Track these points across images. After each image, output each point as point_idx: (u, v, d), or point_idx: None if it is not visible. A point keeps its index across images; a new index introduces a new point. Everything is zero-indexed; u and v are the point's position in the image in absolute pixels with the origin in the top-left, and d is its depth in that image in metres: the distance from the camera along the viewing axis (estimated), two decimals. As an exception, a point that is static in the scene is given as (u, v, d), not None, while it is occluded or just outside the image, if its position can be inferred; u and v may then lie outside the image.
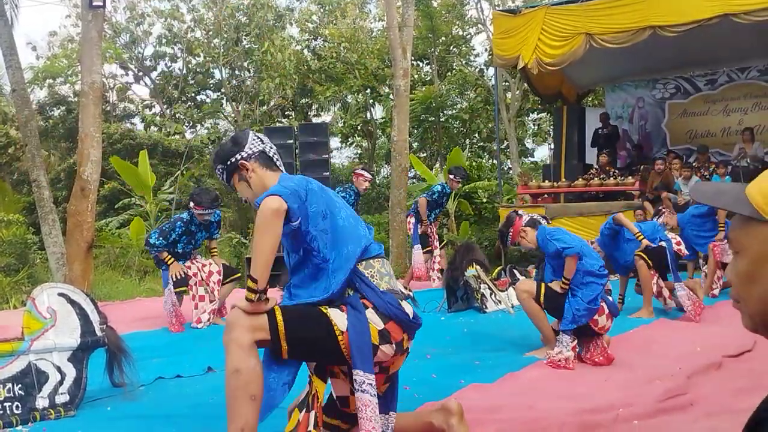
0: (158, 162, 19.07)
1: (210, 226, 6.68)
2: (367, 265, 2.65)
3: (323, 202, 2.64)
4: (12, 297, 9.92)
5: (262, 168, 2.82)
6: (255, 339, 2.45)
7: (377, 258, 2.70)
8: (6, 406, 3.44)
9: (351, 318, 2.52)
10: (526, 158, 23.78)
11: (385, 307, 2.57)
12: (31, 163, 11.18)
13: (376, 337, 2.53)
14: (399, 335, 2.59)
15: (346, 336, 2.49)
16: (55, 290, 3.77)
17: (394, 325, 2.58)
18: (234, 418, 2.41)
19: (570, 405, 3.50)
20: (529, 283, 5.01)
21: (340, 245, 2.62)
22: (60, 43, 23.30)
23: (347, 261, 2.59)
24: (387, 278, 2.67)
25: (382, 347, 2.55)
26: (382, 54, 21.22)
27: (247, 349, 2.43)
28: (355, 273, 2.61)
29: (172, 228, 6.44)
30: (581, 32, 11.53)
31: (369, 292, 2.59)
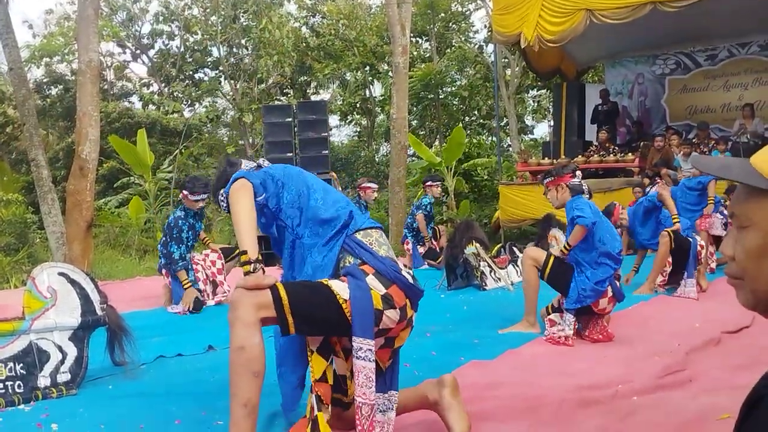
0: (157, 141, 19.02)
1: (201, 212, 6.67)
2: (365, 234, 2.70)
3: (300, 182, 2.78)
4: (12, 276, 9.93)
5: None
6: (260, 317, 2.45)
7: (375, 229, 2.76)
8: (8, 385, 3.45)
9: (351, 285, 2.53)
10: (526, 135, 23.75)
11: (387, 271, 2.59)
12: (30, 142, 11.14)
13: (380, 302, 2.54)
14: (402, 300, 2.60)
15: (350, 304, 2.50)
16: (55, 270, 3.78)
17: (396, 290, 2.59)
18: (237, 393, 2.42)
19: (569, 381, 3.52)
20: (538, 251, 4.98)
21: (313, 221, 2.71)
22: (56, 21, 23.15)
23: (326, 232, 2.68)
24: (385, 248, 2.71)
25: (387, 312, 2.55)
26: (381, 31, 21.11)
27: (251, 327, 2.43)
28: (352, 240, 2.66)
29: (180, 230, 6.38)
30: (582, 8, 11.45)
31: (368, 256, 2.63)
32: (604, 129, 13.14)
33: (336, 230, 2.68)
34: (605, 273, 4.54)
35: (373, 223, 2.79)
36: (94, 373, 3.89)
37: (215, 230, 15.67)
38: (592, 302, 4.54)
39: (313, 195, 2.75)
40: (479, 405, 3.12)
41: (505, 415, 3.06)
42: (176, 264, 6.33)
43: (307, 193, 2.76)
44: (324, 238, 2.68)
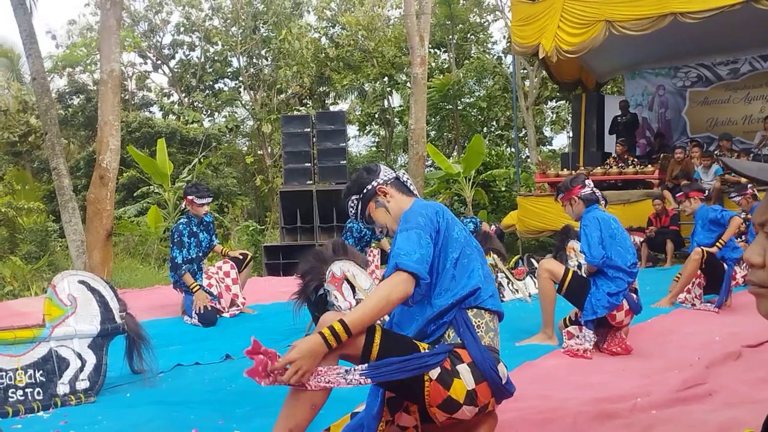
0: (176, 150, 19.16)
1: (208, 227, 6.64)
2: (477, 313, 2.56)
3: (442, 240, 2.57)
4: (33, 284, 10.04)
5: (399, 193, 2.79)
6: (340, 351, 2.38)
7: (490, 312, 2.59)
8: (28, 392, 3.48)
9: (442, 374, 2.40)
10: (545, 146, 23.67)
11: (483, 365, 2.44)
12: (51, 151, 11.27)
13: (462, 396, 2.40)
14: (486, 399, 2.46)
15: (433, 385, 2.39)
16: (75, 277, 3.81)
17: (485, 388, 2.45)
18: (288, 416, 2.37)
19: (587, 394, 3.50)
20: (554, 264, 4.95)
21: (440, 286, 2.55)
22: (79, 32, 23.41)
23: (442, 302, 2.52)
24: (492, 335, 2.56)
25: (465, 408, 2.42)
26: (400, 42, 21.17)
27: (327, 359, 2.35)
28: (462, 315, 2.53)
29: (181, 234, 6.34)
30: (601, 19, 11.42)
31: (470, 340, 2.49)
32: (622, 141, 13.08)
33: (453, 302, 2.52)
34: (619, 286, 4.50)
35: (493, 305, 2.59)
36: (112, 381, 3.92)
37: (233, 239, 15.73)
38: (606, 314, 4.50)
39: (450, 255, 2.57)
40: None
41: (523, 427, 3.04)
42: (180, 268, 6.30)
43: (444, 253, 2.57)
44: (439, 308, 2.53)
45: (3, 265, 10.70)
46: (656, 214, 10.86)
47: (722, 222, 6.58)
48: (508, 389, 2.55)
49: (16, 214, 13.06)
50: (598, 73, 15.15)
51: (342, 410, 3.18)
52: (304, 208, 11.76)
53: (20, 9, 11.01)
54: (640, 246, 10.22)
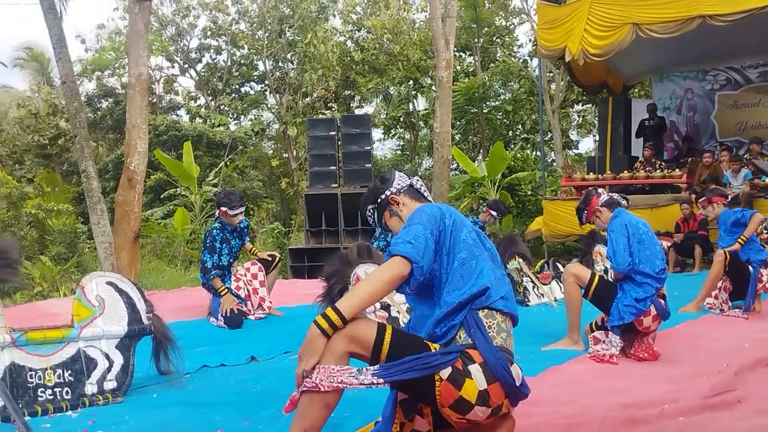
0: (203, 153, 19.31)
1: (242, 232, 6.68)
2: (489, 314, 2.55)
3: (449, 241, 2.59)
4: (62, 285, 10.17)
5: (412, 201, 2.84)
6: (350, 350, 2.39)
7: (502, 313, 2.59)
8: (57, 392, 3.53)
9: (453, 373, 2.41)
10: (571, 150, 23.52)
11: (495, 366, 2.44)
12: (80, 154, 11.41)
13: (473, 396, 2.40)
14: (499, 399, 2.45)
15: (444, 385, 2.40)
16: (103, 279, 3.86)
17: (497, 388, 2.44)
18: (303, 416, 2.39)
19: (613, 399, 3.47)
20: (580, 268, 4.93)
21: (449, 286, 2.56)
22: (108, 36, 23.67)
23: (451, 302, 2.52)
24: (504, 335, 2.56)
25: (477, 408, 2.41)
26: (425, 45, 21.17)
27: (336, 358, 2.37)
28: (473, 316, 2.52)
29: (213, 239, 6.37)
30: (628, 22, 11.32)
31: (481, 340, 2.48)
32: (650, 145, 12.95)
33: (462, 302, 2.52)
34: (647, 292, 4.46)
35: (505, 306, 2.59)
36: (139, 381, 3.96)
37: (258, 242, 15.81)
38: (633, 319, 4.46)
39: (458, 255, 2.58)
40: (521, 422, 3.08)
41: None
42: (209, 272, 6.33)
43: (452, 253, 2.58)
44: (449, 306, 2.53)
45: (33, 266, 10.85)
46: (684, 219, 10.74)
47: (743, 221, 6.52)
48: (523, 391, 2.54)
49: (46, 216, 13.24)
50: (626, 76, 15.03)
51: (367, 413, 3.19)
52: (329, 211, 11.80)
53: (50, 14, 11.17)
54: (667, 251, 10.12)
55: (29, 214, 13.12)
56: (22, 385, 3.43)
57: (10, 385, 3.37)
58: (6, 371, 3.39)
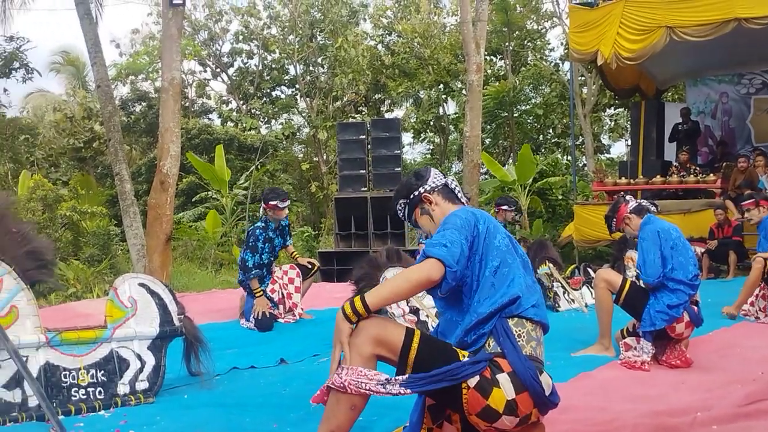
0: (234, 157, 19.46)
1: (284, 230, 6.72)
2: (518, 322, 2.52)
3: (482, 248, 2.57)
4: (95, 286, 10.30)
5: (445, 201, 2.80)
6: (377, 353, 2.40)
7: (533, 321, 2.55)
8: (90, 392, 3.57)
9: (482, 382, 2.40)
10: (602, 154, 23.31)
11: (524, 375, 2.41)
12: (114, 157, 11.58)
13: (501, 406, 2.38)
14: (528, 409, 2.43)
15: (471, 393, 2.38)
16: (136, 280, 3.90)
17: (526, 398, 2.42)
18: (330, 418, 2.40)
19: (644, 407, 3.42)
20: (612, 273, 4.88)
21: (479, 293, 2.54)
22: (142, 41, 24.00)
23: (482, 310, 2.50)
24: (534, 344, 2.53)
25: (505, 418, 2.39)
26: (455, 49, 21.14)
27: (364, 360, 2.38)
28: (502, 325, 2.50)
29: (256, 239, 6.39)
30: (662, 25, 11.19)
31: (510, 349, 2.46)
32: (685, 149, 12.79)
33: (492, 311, 2.50)
34: (680, 299, 4.39)
35: (536, 314, 2.55)
36: (170, 382, 3.99)
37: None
38: (666, 326, 4.40)
39: (490, 263, 2.55)
40: (551, 428, 3.05)
41: (578, 439, 2.99)
42: (249, 272, 6.36)
43: (485, 260, 2.56)
44: (479, 315, 2.51)
45: (67, 268, 11.01)
46: (718, 225, 10.58)
47: None
48: (552, 400, 2.51)
49: (80, 218, 13.43)
50: (659, 80, 14.86)
51: (396, 417, 3.19)
52: (359, 215, 11.81)
53: (86, 19, 11.37)
54: (701, 257, 9.97)
55: (64, 216, 13.31)
56: (56, 384, 3.48)
57: (45, 384, 3.42)
58: (41, 371, 3.45)
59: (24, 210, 12.42)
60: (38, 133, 21.37)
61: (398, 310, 5.26)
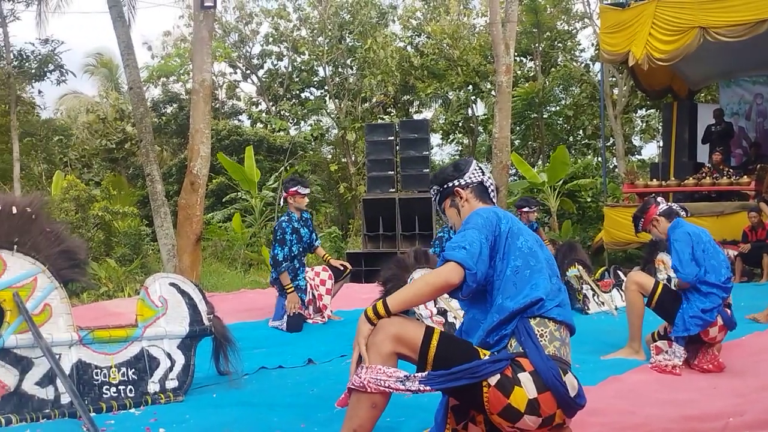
0: (263, 158, 19.57)
1: (307, 222, 6.73)
2: (541, 322, 2.51)
3: (504, 247, 2.57)
4: (126, 286, 10.42)
5: (476, 199, 2.81)
6: (397, 351, 2.41)
7: (556, 322, 2.53)
8: (121, 389, 3.62)
9: (503, 381, 2.39)
10: (633, 156, 23.07)
11: (546, 374, 2.40)
12: (146, 158, 11.71)
13: (522, 405, 2.37)
14: (551, 409, 2.41)
15: (492, 391, 2.38)
16: (166, 280, 3.95)
17: (548, 398, 2.40)
18: (352, 417, 2.42)
19: (675, 411, 3.39)
20: (643, 276, 4.83)
21: (502, 294, 2.53)
22: (173, 43, 24.23)
23: (503, 310, 2.50)
24: (557, 344, 2.50)
25: (527, 417, 2.38)
26: (485, 50, 21.05)
27: (383, 358, 2.39)
28: (524, 324, 2.49)
29: (284, 231, 6.41)
30: (695, 26, 11.05)
31: (531, 348, 2.44)
32: (718, 150, 12.60)
33: (514, 311, 2.49)
34: (713, 302, 4.34)
35: (559, 314, 2.53)
36: (199, 381, 4.03)
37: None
38: (699, 331, 4.34)
39: (512, 263, 2.55)
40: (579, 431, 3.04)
41: (607, 443, 2.97)
42: (279, 266, 6.35)
43: (506, 259, 2.56)
44: (501, 315, 2.51)
45: (99, 267, 11.16)
46: (752, 227, 10.42)
47: None
48: (578, 402, 2.48)
49: (112, 218, 13.60)
50: (691, 81, 14.67)
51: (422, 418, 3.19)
52: (387, 216, 11.82)
53: (119, 21, 11.52)
54: (734, 260, 9.82)
55: (96, 216, 13.50)
56: (88, 382, 3.54)
57: (77, 382, 3.47)
58: (73, 368, 3.50)
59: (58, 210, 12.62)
60: (72, 134, 21.71)
61: (426, 312, 5.25)
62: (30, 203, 3.52)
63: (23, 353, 3.36)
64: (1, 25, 14.41)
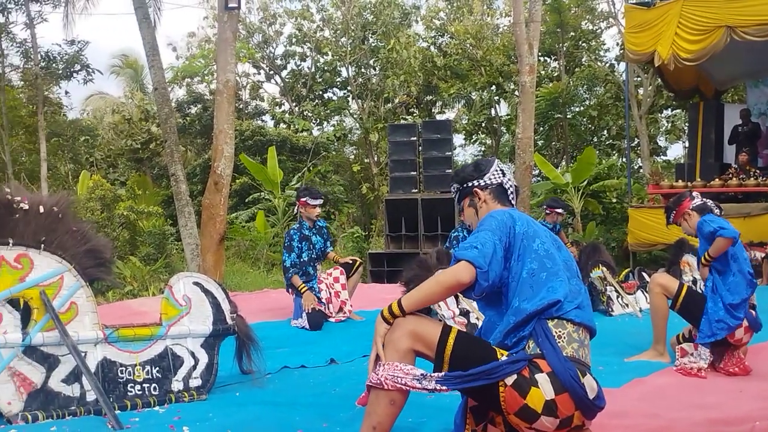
0: (286, 158, 19.64)
1: (321, 231, 6.76)
2: (558, 323, 2.49)
3: (519, 249, 2.56)
4: (151, 284, 10.52)
5: (494, 200, 2.81)
6: (414, 348, 2.42)
7: (574, 323, 2.51)
8: (145, 387, 3.65)
9: (520, 381, 2.39)
10: (658, 157, 22.86)
11: (563, 376, 2.38)
12: (170, 158, 11.79)
13: (539, 406, 2.36)
14: (569, 411, 2.39)
15: (508, 391, 2.38)
16: (190, 279, 3.98)
17: (566, 399, 2.38)
18: (371, 413, 2.44)
19: (700, 414, 3.35)
20: (667, 278, 4.79)
21: (519, 296, 2.52)
22: (198, 44, 24.40)
23: (520, 312, 2.49)
24: (576, 345, 2.49)
25: (544, 418, 2.37)
26: (508, 50, 20.95)
27: (401, 355, 2.40)
28: (541, 326, 2.48)
29: (291, 238, 6.51)
30: (722, 25, 10.92)
31: (549, 350, 2.43)
32: (745, 151, 12.45)
33: (530, 314, 2.48)
34: (740, 295, 4.27)
35: (577, 316, 2.51)
36: (222, 380, 4.05)
37: (339, 246, 15.98)
38: (726, 335, 4.29)
39: (527, 265, 2.54)
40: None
41: (631, 446, 2.94)
42: (288, 271, 6.44)
43: (522, 261, 2.55)
44: (517, 316, 2.50)
45: (124, 266, 11.27)
46: (779, 229, 10.29)
47: None
48: (597, 404, 2.46)
49: (137, 218, 13.73)
50: (718, 81, 14.50)
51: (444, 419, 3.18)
52: (409, 216, 11.82)
53: (144, 23, 11.61)
54: (761, 262, 9.70)
55: (121, 216, 13.64)
56: (113, 380, 3.57)
57: (102, 379, 3.51)
58: (98, 366, 3.53)
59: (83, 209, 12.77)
60: (97, 135, 21.93)
61: (448, 312, 5.24)
62: (57, 203, 3.56)
63: (50, 351, 3.40)
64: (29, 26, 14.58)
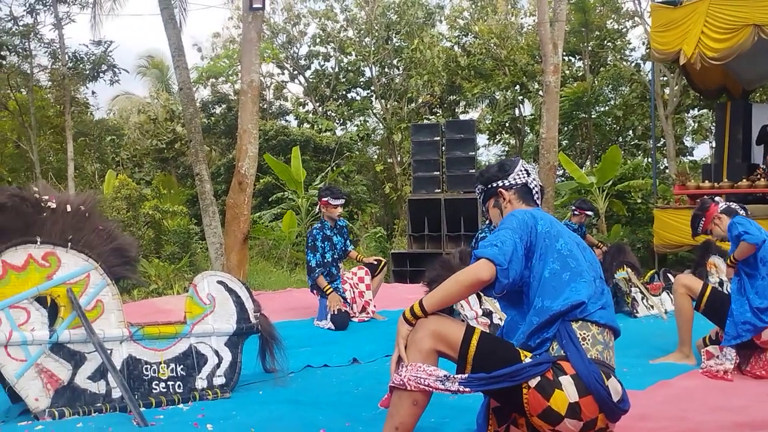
0: (309, 158, 19.70)
1: (342, 230, 6.78)
2: (583, 325, 2.49)
3: (541, 249, 2.56)
4: (175, 283, 10.60)
5: (518, 200, 2.82)
6: (436, 348, 2.42)
7: (599, 325, 2.51)
8: (170, 385, 3.69)
9: (543, 383, 2.38)
10: (685, 157, 22.61)
11: (588, 378, 2.37)
12: (195, 157, 11.88)
13: (563, 408, 2.36)
14: (593, 414, 2.39)
15: (532, 393, 2.37)
16: (214, 278, 4.01)
17: (590, 402, 2.38)
18: (393, 414, 2.44)
19: (726, 417, 3.31)
20: (692, 279, 4.75)
21: (541, 296, 2.52)
22: (222, 44, 24.55)
23: (544, 312, 2.49)
24: (600, 347, 2.48)
25: (568, 421, 2.36)
26: (533, 50, 20.85)
27: (423, 355, 2.41)
28: (565, 328, 2.47)
29: (314, 238, 6.55)
30: (749, 23, 10.77)
31: (573, 352, 2.42)
32: (773, 151, 12.29)
33: (554, 314, 2.47)
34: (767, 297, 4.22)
35: (601, 317, 2.51)
36: (246, 379, 4.08)
37: (361, 246, 16.01)
38: (752, 336, 4.24)
39: (549, 265, 2.54)
40: (627, 436, 3.00)
41: (655, 449, 2.92)
42: (313, 272, 6.48)
43: (543, 261, 2.55)
44: (540, 317, 2.50)
45: (149, 265, 11.37)
46: (808, 231, 10.12)
47: None
48: (621, 407, 2.45)
49: (162, 217, 13.84)
50: (745, 81, 14.30)
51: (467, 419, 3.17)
52: (432, 216, 11.81)
53: (170, 23, 11.71)
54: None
55: (147, 215, 13.75)
56: (138, 377, 3.61)
57: (127, 377, 3.55)
58: (124, 364, 3.58)
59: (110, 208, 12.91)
60: (123, 134, 22.14)
61: (471, 313, 5.23)
62: (83, 202, 3.60)
63: (76, 348, 3.44)
64: (57, 27, 14.75)
